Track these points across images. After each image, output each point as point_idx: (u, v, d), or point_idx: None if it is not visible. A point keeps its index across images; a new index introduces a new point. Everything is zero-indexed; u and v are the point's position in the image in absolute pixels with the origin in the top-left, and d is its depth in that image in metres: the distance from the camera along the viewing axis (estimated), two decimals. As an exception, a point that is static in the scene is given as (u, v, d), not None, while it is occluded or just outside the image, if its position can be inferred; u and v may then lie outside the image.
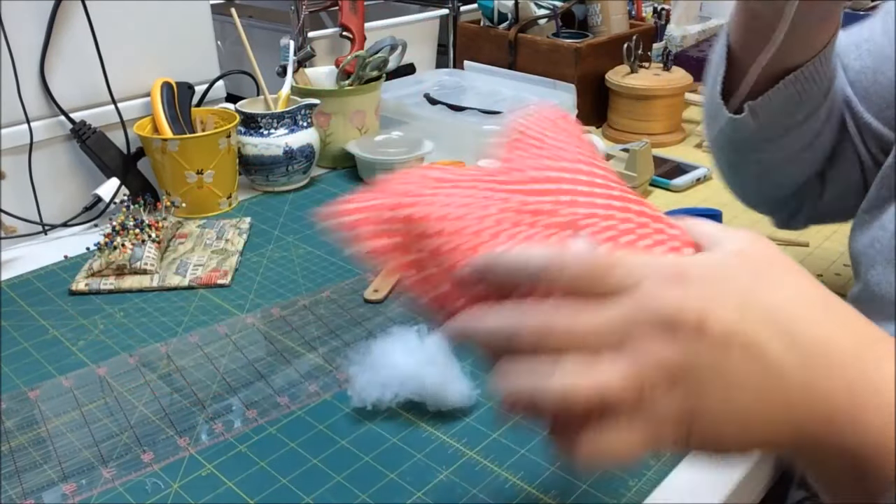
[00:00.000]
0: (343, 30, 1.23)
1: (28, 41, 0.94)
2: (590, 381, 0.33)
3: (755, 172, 0.75)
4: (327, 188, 1.12)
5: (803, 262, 0.90)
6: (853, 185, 0.73)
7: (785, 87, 0.64)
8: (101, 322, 0.80)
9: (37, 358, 0.74)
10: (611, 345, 0.34)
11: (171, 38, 1.07)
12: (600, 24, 1.38)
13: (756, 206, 0.82)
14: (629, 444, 0.34)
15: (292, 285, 0.86)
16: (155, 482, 0.59)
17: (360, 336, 0.77)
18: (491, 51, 1.40)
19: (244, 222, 0.99)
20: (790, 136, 0.69)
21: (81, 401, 0.68)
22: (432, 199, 0.38)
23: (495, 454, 0.61)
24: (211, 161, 1.00)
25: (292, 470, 0.60)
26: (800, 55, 0.63)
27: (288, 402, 0.68)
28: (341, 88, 1.15)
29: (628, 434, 0.34)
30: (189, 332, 0.78)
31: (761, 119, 0.66)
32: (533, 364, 0.35)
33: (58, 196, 1.01)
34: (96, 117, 1.01)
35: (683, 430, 0.34)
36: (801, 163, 0.73)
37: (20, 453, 0.62)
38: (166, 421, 0.65)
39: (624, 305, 0.34)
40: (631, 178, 1.04)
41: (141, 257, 0.86)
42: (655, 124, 1.28)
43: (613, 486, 0.58)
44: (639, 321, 0.34)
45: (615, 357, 0.34)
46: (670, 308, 0.34)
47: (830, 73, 0.66)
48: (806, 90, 0.65)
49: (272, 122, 1.06)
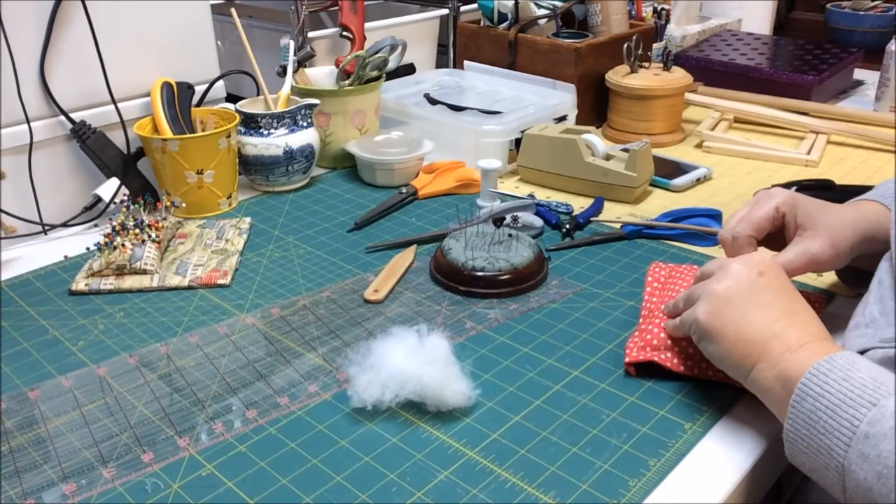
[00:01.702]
0: (343, 30, 1.23)
1: (28, 41, 0.94)
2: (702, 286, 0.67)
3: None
4: (327, 188, 1.12)
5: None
6: None
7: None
8: (101, 322, 0.80)
9: (37, 358, 0.74)
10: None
11: (171, 38, 1.07)
12: (600, 24, 1.38)
13: None
14: (688, 315, 0.66)
15: (292, 285, 0.86)
16: (155, 482, 0.59)
17: (360, 336, 0.77)
18: (491, 51, 1.40)
19: (244, 222, 0.99)
20: None
21: (81, 401, 0.68)
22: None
23: (495, 454, 0.61)
24: (211, 161, 1.00)
25: (292, 470, 0.60)
26: None
27: (288, 402, 0.68)
28: (341, 88, 1.15)
29: (690, 310, 0.66)
30: (189, 332, 0.78)
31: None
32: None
33: (58, 196, 1.02)
34: (96, 117, 1.01)
35: (712, 312, 0.63)
36: None
37: (20, 453, 0.62)
38: (166, 421, 0.65)
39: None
40: (631, 178, 1.04)
41: (141, 257, 0.86)
42: (655, 124, 1.28)
43: (613, 486, 0.58)
44: (716, 274, 0.66)
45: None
46: (730, 268, 0.65)
47: None
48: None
49: (272, 122, 1.06)
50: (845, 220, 0.72)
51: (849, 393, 0.53)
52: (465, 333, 0.77)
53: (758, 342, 0.60)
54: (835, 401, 0.53)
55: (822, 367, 0.55)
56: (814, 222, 0.72)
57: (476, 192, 1.08)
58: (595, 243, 0.95)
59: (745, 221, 0.73)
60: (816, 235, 0.71)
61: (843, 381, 0.54)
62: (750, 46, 1.57)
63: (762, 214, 0.73)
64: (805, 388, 0.55)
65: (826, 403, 0.54)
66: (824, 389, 0.54)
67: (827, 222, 0.72)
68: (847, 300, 0.82)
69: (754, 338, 0.61)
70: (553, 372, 0.71)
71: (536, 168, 1.11)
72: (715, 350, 0.63)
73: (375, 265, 0.90)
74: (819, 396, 0.54)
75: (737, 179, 1.14)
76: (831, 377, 0.54)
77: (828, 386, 0.54)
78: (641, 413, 0.66)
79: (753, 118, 1.33)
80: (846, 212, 0.73)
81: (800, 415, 0.55)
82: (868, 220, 0.73)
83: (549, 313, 0.80)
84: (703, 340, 0.64)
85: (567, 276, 0.87)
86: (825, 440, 0.53)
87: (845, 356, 0.56)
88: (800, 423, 0.55)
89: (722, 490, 0.58)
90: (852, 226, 0.72)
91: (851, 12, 2.00)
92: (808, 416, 0.54)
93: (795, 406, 0.55)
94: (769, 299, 0.62)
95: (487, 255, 0.85)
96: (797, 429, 0.55)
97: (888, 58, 1.38)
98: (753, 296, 0.62)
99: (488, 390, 0.68)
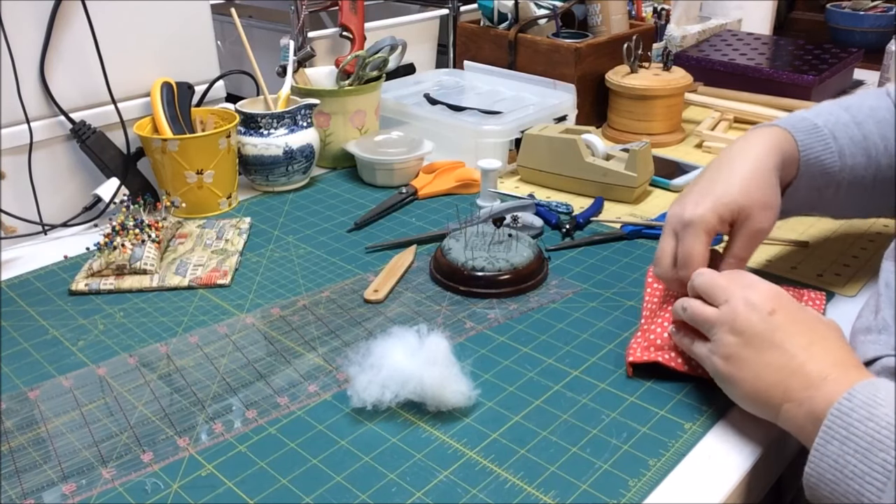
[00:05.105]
0: (343, 30, 1.23)
1: (28, 41, 0.94)
2: (704, 310, 0.65)
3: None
4: (327, 188, 1.12)
5: (803, 263, 0.90)
6: None
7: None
8: (101, 322, 0.80)
9: (37, 358, 0.74)
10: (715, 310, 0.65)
11: (171, 38, 1.07)
12: (600, 24, 1.38)
13: None
14: (701, 350, 0.65)
15: (292, 285, 0.86)
16: (155, 482, 0.59)
17: (360, 336, 0.77)
18: (491, 51, 1.40)
19: (244, 222, 0.99)
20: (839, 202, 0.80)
21: (81, 401, 0.68)
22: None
23: (495, 454, 0.61)
24: (211, 161, 1.00)
25: (292, 470, 0.60)
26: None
27: (288, 402, 0.68)
28: (341, 88, 1.15)
29: (704, 346, 0.65)
30: (189, 332, 0.78)
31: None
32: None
33: (58, 196, 1.02)
34: (96, 117, 1.01)
35: (727, 357, 0.62)
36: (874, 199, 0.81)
37: (20, 453, 0.62)
38: (166, 421, 0.65)
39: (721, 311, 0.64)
40: (631, 178, 1.04)
41: (141, 257, 0.86)
42: (655, 124, 1.28)
43: (613, 485, 0.58)
44: (724, 315, 0.64)
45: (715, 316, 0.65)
46: (760, 297, 0.63)
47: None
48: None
49: (272, 122, 1.06)
50: (751, 171, 0.71)
51: (876, 434, 0.52)
52: (465, 333, 0.77)
53: (778, 383, 0.59)
54: (863, 444, 0.52)
55: (843, 407, 0.54)
56: (735, 202, 0.69)
57: (476, 192, 1.08)
58: (595, 243, 0.95)
59: (691, 262, 0.70)
60: (745, 213, 0.70)
61: (867, 421, 0.52)
62: (750, 46, 1.57)
63: (700, 250, 0.70)
64: (830, 430, 0.53)
65: (854, 448, 0.52)
66: (850, 432, 0.53)
67: (737, 186, 0.70)
68: (847, 299, 0.82)
69: (774, 378, 0.59)
70: (553, 372, 0.71)
71: (536, 168, 1.11)
72: (737, 394, 0.62)
73: (375, 265, 0.90)
74: (846, 440, 0.53)
75: (737, 179, 1.14)
76: (854, 417, 0.53)
77: (853, 428, 0.53)
78: (641, 413, 0.66)
79: (753, 118, 1.33)
80: (745, 165, 0.71)
81: (825, 458, 0.53)
82: (773, 156, 0.72)
83: (549, 313, 0.80)
84: (724, 385, 0.63)
85: (567, 276, 0.87)
86: (854, 485, 0.52)
87: (865, 389, 0.54)
88: (824, 466, 0.53)
89: (722, 490, 0.58)
90: (765, 170, 0.71)
91: (851, 12, 2.01)
92: (834, 460, 0.53)
93: (819, 450, 0.54)
94: (784, 336, 0.60)
95: (487, 255, 0.85)
96: (821, 473, 0.54)
97: (888, 58, 1.38)
98: (769, 335, 0.60)
99: (488, 390, 0.68)
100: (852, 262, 0.90)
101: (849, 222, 0.99)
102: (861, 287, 0.85)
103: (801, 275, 0.87)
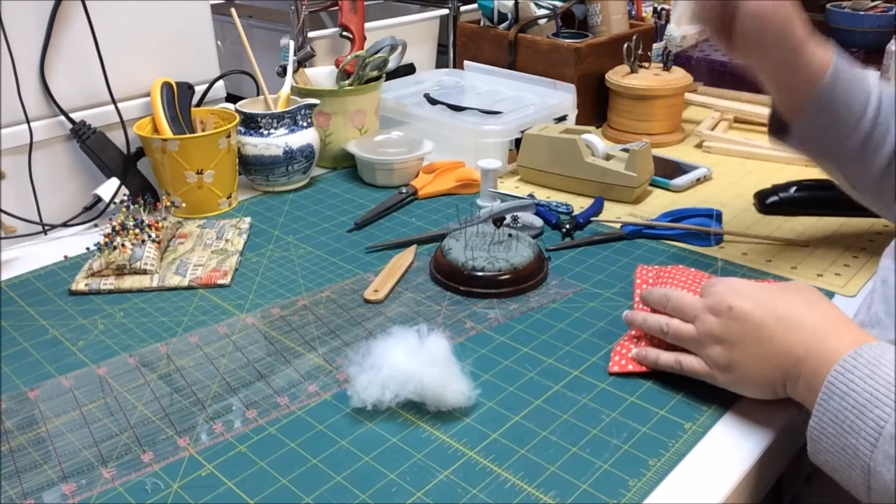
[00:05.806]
0: (343, 30, 1.23)
1: (28, 41, 0.94)
2: (683, 330, 0.67)
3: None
4: (327, 188, 1.12)
5: (803, 263, 0.90)
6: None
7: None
8: (101, 322, 0.80)
9: (37, 358, 0.74)
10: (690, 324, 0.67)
11: (171, 38, 1.07)
12: (600, 24, 1.38)
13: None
14: (695, 366, 0.66)
15: (292, 285, 0.86)
16: (155, 482, 0.59)
17: (360, 336, 0.77)
18: (491, 51, 1.40)
19: (244, 222, 0.99)
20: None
21: (81, 401, 0.68)
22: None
23: (495, 454, 0.61)
24: (211, 161, 1.00)
25: (292, 470, 0.60)
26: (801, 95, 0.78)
27: (288, 402, 0.68)
28: (341, 88, 1.15)
29: (695, 360, 0.66)
30: (189, 332, 0.78)
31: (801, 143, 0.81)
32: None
33: (58, 196, 1.02)
34: (96, 117, 1.01)
35: (724, 367, 0.64)
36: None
37: (20, 453, 0.62)
38: (166, 421, 0.65)
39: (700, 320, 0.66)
40: (631, 178, 1.04)
41: (141, 257, 0.86)
42: (655, 124, 1.28)
43: (613, 485, 0.58)
44: (699, 330, 0.66)
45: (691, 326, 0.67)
46: (715, 300, 0.65)
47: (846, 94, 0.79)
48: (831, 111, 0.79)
49: (272, 122, 1.06)
50: None
51: (874, 392, 0.52)
52: (465, 333, 0.77)
53: (774, 368, 0.61)
54: (861, 400, 0.53)
55: (847, 364, 0.55)
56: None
57: (476, 192, 1.08)
58: (595, 243, 0.95)
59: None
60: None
61: (868, 379, 0.53)
62: (750, 46, 1.56)
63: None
64: (832, 386, 0.55)
65: (852, 402, 0.53)
66: (850, 388, 0.54)
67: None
68: (846, 299, 0.82)
69: (769, 365, 0.61)
70: (553, 372, 0.71)
71: (536, 168, 1.11)
72: (751, 393, 0.64)
73: (375, 265, 0.90)
74: (845, 395, 0.54)
75: (737, 179, 1.14)
76: (856, 374, 0.54)
77: (853, 384, 0.54)
78: (641, 413, 0.66)
79: (753, 118, 1.33)
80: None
81: (826, 413, 0.55)
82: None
83: (549, 313, 0.80)
84: (738, 391, 0.65)
85: (567, 276, 0.87)
86: (851, 439, 0.53)
87: (872, 350, 0.55)
88: (826, 421, 0.55)
89: (722, 490, 0.58)
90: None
91: (851, 12, 2.00)
92: (834, 415, 0.54)
93: (822, 404, 0.55)
94: (754, 325, 0.62)
95: (487, 255, 0.85)
96: (823, 427, 0.55)
97: (888, 58, 1.38)
98: (743, 330, 0.62)
99: (488, 390, 0.68)
100: (852, 262, 0.90)
101: (849, 222, 0.99)
102: (861, 287, 0.85)
103: (801, 275, 0.87)
